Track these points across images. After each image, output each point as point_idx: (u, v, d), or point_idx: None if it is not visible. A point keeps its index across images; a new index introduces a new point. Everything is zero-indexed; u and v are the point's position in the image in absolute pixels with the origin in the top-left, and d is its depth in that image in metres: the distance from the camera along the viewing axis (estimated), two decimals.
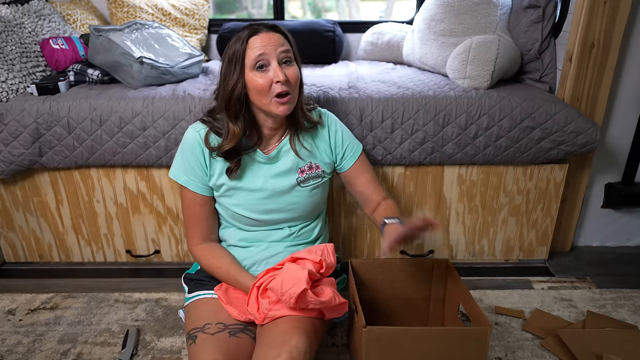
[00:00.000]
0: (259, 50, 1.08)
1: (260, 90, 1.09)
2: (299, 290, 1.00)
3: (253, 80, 1.09)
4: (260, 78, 1.08)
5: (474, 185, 1.67)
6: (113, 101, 1.54)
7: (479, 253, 1.80)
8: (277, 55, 1.09)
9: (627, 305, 1.56)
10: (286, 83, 1.09)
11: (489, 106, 1.54)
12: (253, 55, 1.08)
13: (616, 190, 1.80)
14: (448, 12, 1.81)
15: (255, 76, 1.09)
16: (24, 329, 1.45)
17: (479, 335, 1.02)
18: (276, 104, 1.10)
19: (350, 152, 1.31)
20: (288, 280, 1.02)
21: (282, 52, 1.09)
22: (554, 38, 1.72)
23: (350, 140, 1.31)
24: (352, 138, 1.33)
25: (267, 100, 1.10)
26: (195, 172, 1.19)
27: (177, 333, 1.43)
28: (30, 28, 1.80)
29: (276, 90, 1.09)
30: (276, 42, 1.09)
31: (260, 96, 1.10)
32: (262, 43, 1.08)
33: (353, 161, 1.31)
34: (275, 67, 1.08)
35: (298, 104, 1.18)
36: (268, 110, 1.12)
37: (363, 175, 1.32)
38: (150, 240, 1.76)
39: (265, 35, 1.09)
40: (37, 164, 1.59)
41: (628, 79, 1.68)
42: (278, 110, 1.11)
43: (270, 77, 1.08)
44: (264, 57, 1.08)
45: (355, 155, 1.32)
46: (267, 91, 1.09)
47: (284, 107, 1.11)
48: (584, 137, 1.55)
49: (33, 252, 1.80)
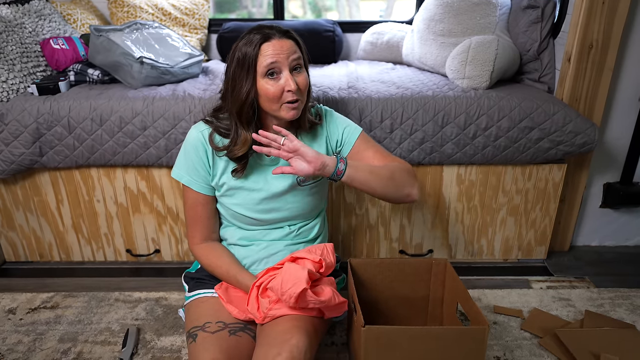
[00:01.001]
0: (271, 58, 1.07)
1: (272, 98, 1.09)
2: (298, 289, 1.01)
3: (264, 87, 1.09)
4: (272, 86, 1.08)
5: (473, 185, 1.68)
6: (113, 101, 1.55)
7: (477, 252, 1.81)
8: (289, 63, 1.09)
9: (625, 304, 1.56)
10: (297, 91, 1.09)
11: (488, 106, 1.55)
12: (265, 63, 1.07)
13: (615, 190, 1.80)
14: (447, 12, 1.82)
15: (266, 84, 1.09)
16: (24, 328, 1.46)
17: (477, 334, 1.02)
18: (286, 109, 1.11)
19: (347, 136, 1.27)
20: (288, 280, 1.03)
21: (294, 60, 1.09)
22: (552, 38, 1.73)
23: (345, 126, 1.27)
24: (348, 123, 1.28)
25: (277, 106, 1.11)
26: (198, 172, 1.20)
27: (177, 332, 1.44)
28: (31, 28, 1.80)
29: (287, 98, 1.09)
30: (288, 49, 1.08)
31: (271, 103, 1.11)
32: (275, 51, 1.07)
33: (352, 144, 1.26)
34: (287, 76, 1.08)
35: (305, 107, 1.18)
36: (277, 115, 1.13)
37: (366, 152, 1.26)
38: (151, 239, 1.76)
39: (277, 42, 1.08)
40: (38, 163, 1.60)
41: (626, 79, 1.68)
42: (288, 115, 1.11)
43: (282, 85, 1.08)
44: (276, 65, 1.08)
45: (353, 137, 1.26)
46: (278, 99, 1.10)
47: (294, 112, 1.12)
48: (582, 137, 1.56)
49: (33, 252, 1.80)
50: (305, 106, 1.18)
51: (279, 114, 1.12)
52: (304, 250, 1.14)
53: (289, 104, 1.10)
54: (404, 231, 1.75)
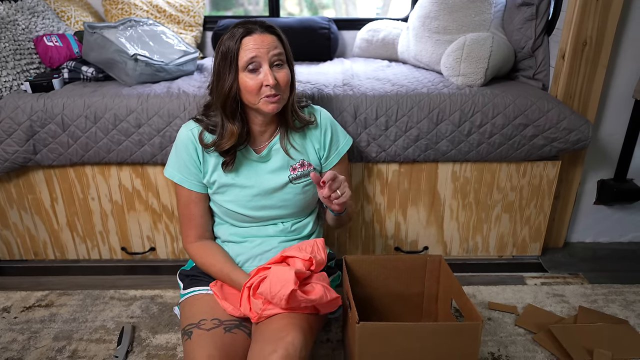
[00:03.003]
0: (251, 52, 1.09)
1: (250, 91, 1.11)
2: (287, 291, 1.01)
3: (244, 81, 1.11)
4: (251, 80, 1.10)
5: (468, 182, 1.68)
6: (107, 98, 1.54)
7: (473, 249, 1.81)
8: (269, 58, 1.10)
9: (619, 300, 1.58)
10: (276, 87, 1.11)
11: (483, 103, 1.55)
12: (245, 57, 1.09)
13: (608, 187, 1.81)
14: (442, 9, 1.82)
15: (246, 77, 1.11)
16: (19, 327, 1.46)
17: (470, 330, 1.03)
18: (265, 102, 1.12)
19: (343, 146, 1.33)
20: (276, 283, 1.03)
21: (274, 55, 1.11)
22: (547, 35, 1.73)
23: (336, 143, 1.32)
24: (339, 139, 1.33)
25: (256, 100, 1.13)
26: (189, 169, 1.20)
27: (172, 330, 1.44)
28: (24, 25, 1.79)
29: (265, 92, 1.11)
30: (269, 44, 1.10)
31: (250, 96, 1.12)
32: (255, 45, 1.09)
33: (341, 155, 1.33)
34: (266, 71, 1.10)
35: (288, 104, 1.19)
36: (257, 108, 1.14)
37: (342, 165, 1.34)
38: (146, 237, 1.76)
39: (259, 36, 1.09)
40: (32, 161, 1.59)
41: (620, 77, 1.69)
42: (267, 109, 1.13)
43: (261, 79, 1.10)
44: (256, 59, 1.09)
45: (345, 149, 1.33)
46: (256, 92, 1.11)
47: (273, 105, 1.13)
48: (576, 134, 1.56)
49: (28, 250, 1.80)
50: (288, 103, 1.18)
51: (258, 107, 1.14)
52: (294, 247, 1.14)
53: (267, 98, 1.11)
54: (399, 228, 1.76)
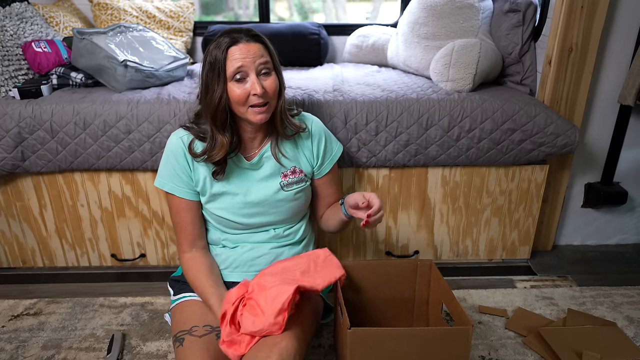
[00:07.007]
0: (238, 62, 1.09)
1: (238, 101, 1.11)
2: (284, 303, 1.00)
3: (232, 90, 1.11)
4: (238, 89, 1.10)
5: (458, 187, 1.70)
6: (97, 105, 1.53)
7: (463, 253, 1.83)
8: (256, 67, 1.10)
9: (607, 302, 1.60)
10: (264, 95, 1.11)
11: (471, 109, 1.57)
12: (232, 67, 1.09)
13: (595, 190, 1.84)
14: (431, 15, 1.84)
15: (233, 86, 1.11)
16: (6, 336, 1.44)
17: (461, 334, 1.04)
18: (253, 112, 1.13)
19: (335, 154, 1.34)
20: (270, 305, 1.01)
21: (261, 64, 1.11)
22: (534, 42, 1.76)
23: (330, 151, 1.33)
24: (333, 147, 1.34)
25: (244, 109, 1.13)
26: (180, 177, 1.20)
27: (163, 337, 1.43)
28: (12, 31, 1.77)
29: (252, 101, 1.11)
30: (255, 53, 1.10)
31: (238, 105, 1.13)
32: (242, 54, 1.09)
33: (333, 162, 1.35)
34: (254, 80, 1.10)
35: (277, 112, 1.19)
36: (245, 118, 1.15)
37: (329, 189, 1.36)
38: (136, 244, 1.75)
39: (244, 46, 1.10)
40: (20, 168, 1.58)
41: (605, 82, 1.72)
42: (255, 119, 1.13)
43: (248, 89, 1.10)
44: (242, 69, 1.10)
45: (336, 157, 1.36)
46: (244, 102, 1.11)
47: (261, 115, 1.13)
48: (563, 139, 1.59)
49: (16, 257, 1.78)
50: (277, 111, 1.19)
51: (247, 117, 1.14)
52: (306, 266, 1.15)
53: (254, 108, 1.12)
54: (390, 233, 1.77)
